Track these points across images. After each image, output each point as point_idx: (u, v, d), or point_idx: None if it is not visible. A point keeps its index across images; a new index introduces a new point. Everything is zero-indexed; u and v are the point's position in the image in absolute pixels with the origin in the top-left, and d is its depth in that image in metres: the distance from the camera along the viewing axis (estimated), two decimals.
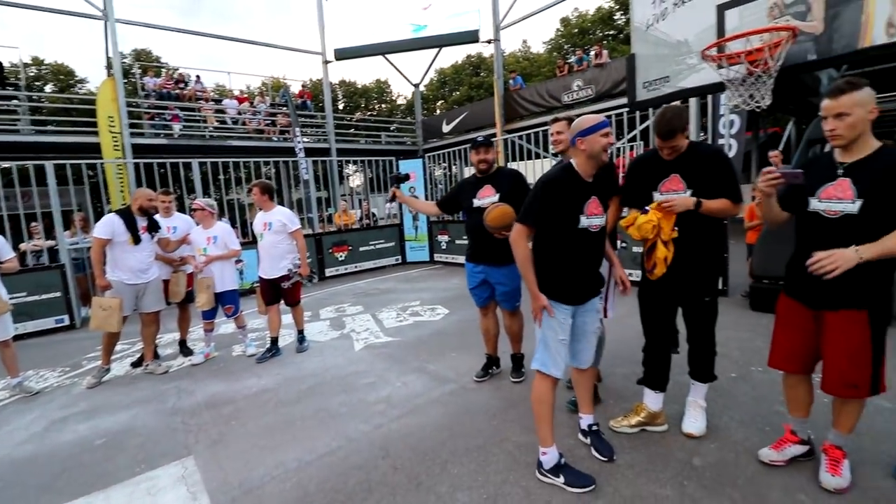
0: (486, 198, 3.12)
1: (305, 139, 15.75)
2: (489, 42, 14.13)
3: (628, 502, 1.98)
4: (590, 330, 2.26)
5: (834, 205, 1.80)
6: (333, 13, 14.15)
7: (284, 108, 15.10)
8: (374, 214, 11.78)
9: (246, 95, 17.13)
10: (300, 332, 4.60)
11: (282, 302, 4.43)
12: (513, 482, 2.19)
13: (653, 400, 2.53)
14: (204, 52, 47.08)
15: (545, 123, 2.89)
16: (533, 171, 8.01)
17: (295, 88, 18.22)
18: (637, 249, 5.73)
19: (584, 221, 2.05)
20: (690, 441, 2.40)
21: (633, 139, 7.23)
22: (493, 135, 12.15)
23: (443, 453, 2.49)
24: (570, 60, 13.87)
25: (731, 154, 5.73)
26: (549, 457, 2.16)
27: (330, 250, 8.65)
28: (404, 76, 16.66)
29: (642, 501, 1.98)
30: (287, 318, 4.66)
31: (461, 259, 8.70)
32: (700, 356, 2.43)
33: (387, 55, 15.10)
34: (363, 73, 61.68)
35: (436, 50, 15.05)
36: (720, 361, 2.57)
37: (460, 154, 9.38)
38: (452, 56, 35.19)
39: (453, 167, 11.18)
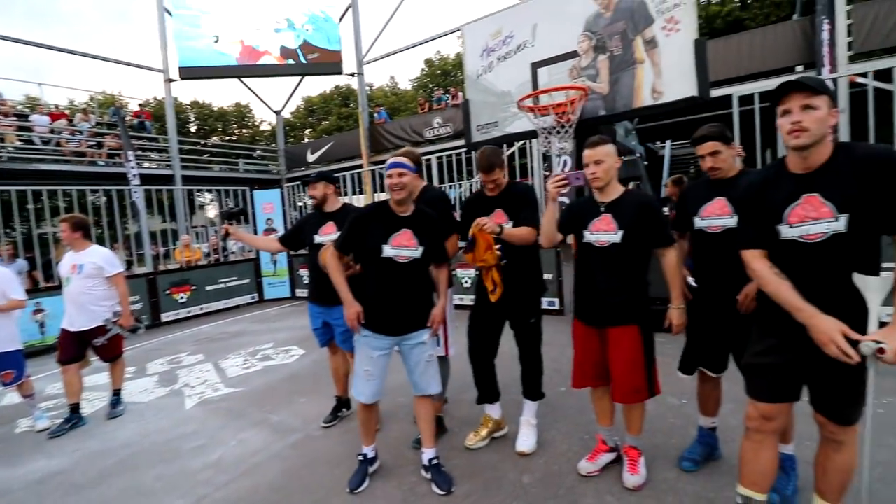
0: (328, 235, 3.02)
1: (147, 164, 13.90)
2: (353, 75, 14.29)
3: None
4: (418, 361, 2.32)
5: (602, 236, 2.13)
6: (183, 26, 12.90)
7: (116, 129, 13.17)
8: (224, 249, 10.72)
9: (64, 111, 14.53)
10: (115, 392, 3.86)
11: (94, 358, 3.69)
12: None
13: (493, 410, 2.78)
14: (11, 57, 39.01)
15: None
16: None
17: (133, 107, 16.06)
18: (462, 275, 6.14)
19: (389, 252, 2.19)
20: (522, 459, 2.55)
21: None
22: (360, 166, 12.15)
23: None
24: (432, 99, 14.70)
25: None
26: (369, 451, 2.47)
27: (167, 291, 7.56)
28: (263, 102, 15.89)
29: None
30: (99, 378, 3.88)
31: None
32: (529, 375, 2.63)
33: (244, 79, 14.25)
34: (222, 95, 57.27)
35: (299, 77, 14.68)
36: (554, 377, 2.81)
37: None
38: (321, 85, 34.75)
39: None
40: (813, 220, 1.47)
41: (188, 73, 12.91)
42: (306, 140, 32.58)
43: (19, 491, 2.72)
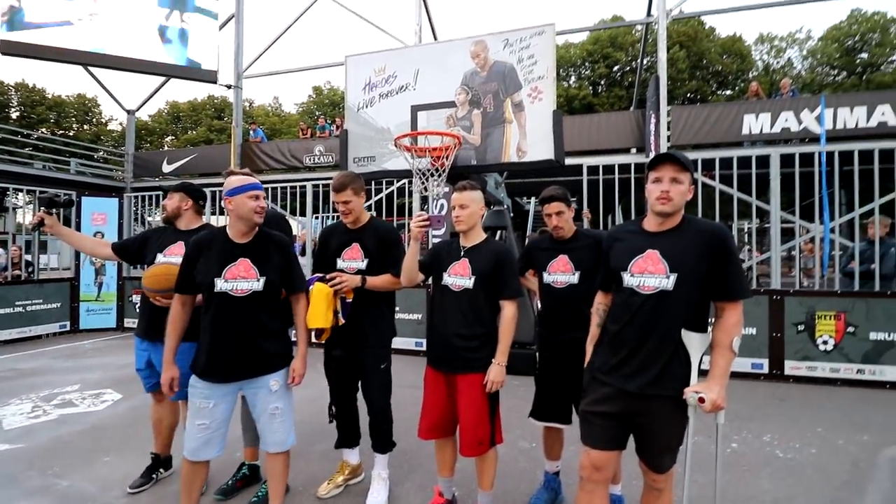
0: (172, 256, 2.57)
1: None
2: (229, 87, 13.26)
3: None
4: (262, 411, 2.05)
5: (458, 280, 2.15)
6: None
7: None
8: (29, 264, 8.69)
9: None
10: None
11: None
12: None
13: (352, 455, 2.64)
14: None
15: (287, 180, 2.69)
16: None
17: None
18: None
19: (222, 285, 1.95)
20: None
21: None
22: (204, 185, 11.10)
23: None
24: (315, 126, 14.27)
25: (440, 233, 6.75)
26: None
27: None
28: (114, 98, 13.79)
29: None
30: None
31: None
32: (377, 426, 2.48)
33: (90, 67, 12.25)
34: (62, 81, 48.29)
35: (162, 78, 13.11)
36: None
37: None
38: (192, 91, 31.60)
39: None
40: (650, 274, 1.64)
41: (12, 49, 10.63)
42: (166, 148, 29.03)
43: None
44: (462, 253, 2.19)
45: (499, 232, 5.64)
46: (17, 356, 5.88)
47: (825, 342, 4.54)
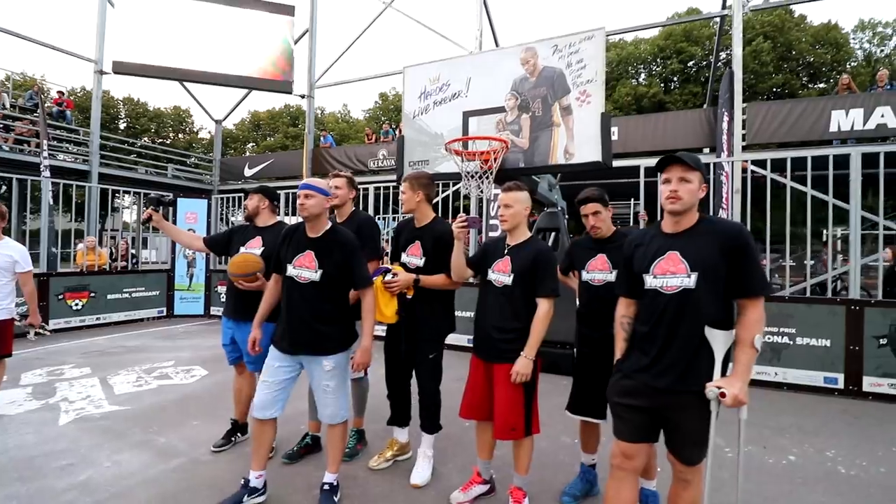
0: (252, 248, 2.98)
1: (62, 157, 12.75)
2: (303, 97, 14.27)
3: None
4: (317, 387, 2.33)
5: (500, 276, 2.30)
6: (125, 16, 12.20)
7: (31, 115, 12.05)
8: (133, 257, 9.93)
9: None
10: None
11: None
12: None
13: (401, 434, 2.90)
14: None
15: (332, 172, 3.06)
16: None
17: (54, 94, 14.80)
18: None
19: (291, 271, 2.28)
20: (415, 491, 2.57)
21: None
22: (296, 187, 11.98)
23: None
24: (380, 132, 14.95)
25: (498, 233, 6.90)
26: (254, 477, 2.37)
27: (60, 296, 6.84)
28: (204, 109, 15.33)
29: None
30: None
31: None
32: (426, 409, 2.69)
33: (185, 82, 13.74)
34: (160, 95, 54.23)
35: (245, 90, 14.40)
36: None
37: None
38: (271, 100, 34.08)
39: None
40: (671, 275, 1.71)
41: (122, 68, 12.23)
42: (248, 154, 31.56)
43: None
44: (506, 251, 2.33)
45: (553, 233, 5.68)
46: (125, 335, 6.81)
47: None
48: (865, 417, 3.83)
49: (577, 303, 2.55)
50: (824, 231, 8.42)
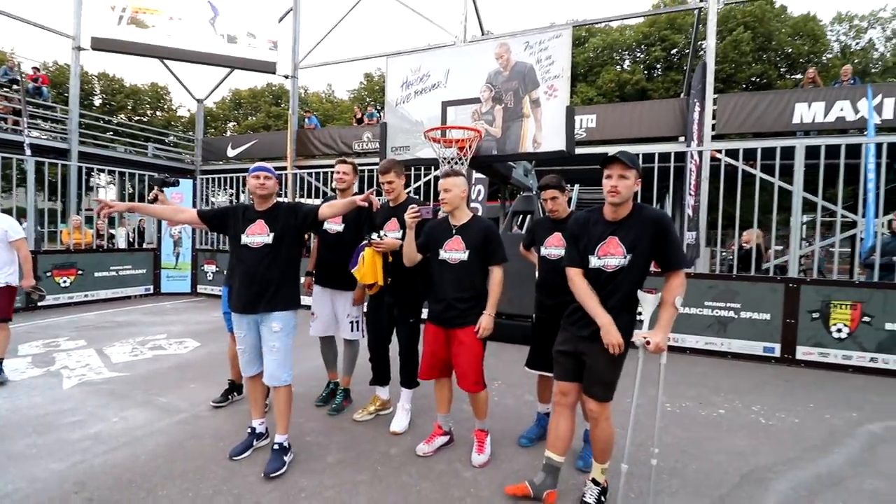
0: (253, 235, 3.16)
1: (36, 134, 12.55)
2: (286, 77, 14.23)
3: (325, 492, 2.33)
4: (264, 345, 2.57)
5: (454, 254, 2.62)
6: None
7: (5, 90, 11.80)
8: (112, 236, 10.03)
9: None
10: None
11: None
12: (226, 492, 2.30)
13: (382, 392, 3.28)
14: None
15: (333, 165, 3.32)
16: None
17: (26, 68, 14.41)
18: None
19: (244, 239, 2.56)
20: (394, 437, 2.95)
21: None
22: (284, 168, 12.08)
23: (153, 479, 2.41)
24: (365, 114, 14.98)
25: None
26: (257, 424, 2.76)
27: (49, 273, 6.98)
28: (186, 88, 15.15)
29: (339, 489, 2.36)
30: None
31: None
32: (405, 367, 3.05)
33: (165, 60, 13.55)
34: (137, 71, 52.46)
35: (228, 69, 14.27)
36: None
37: (244, 181, 9.02)
38: (252, 79, 33.44)
39: (241, 194, 10.48)
40: (611, 256, 2.09)
41: (101, 45, 12.04)
42: (229, 133, 31.06)
43: None
44: (454, 231, 2.65)
45: (528, 216, 6.04)
46: (113, 311, 7.01)
47: (839, 330, 4.67)
48: (794, 381, 4.35)
49: (537, 275, 2.92)
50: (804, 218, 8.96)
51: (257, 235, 2.56)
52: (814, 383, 4.30)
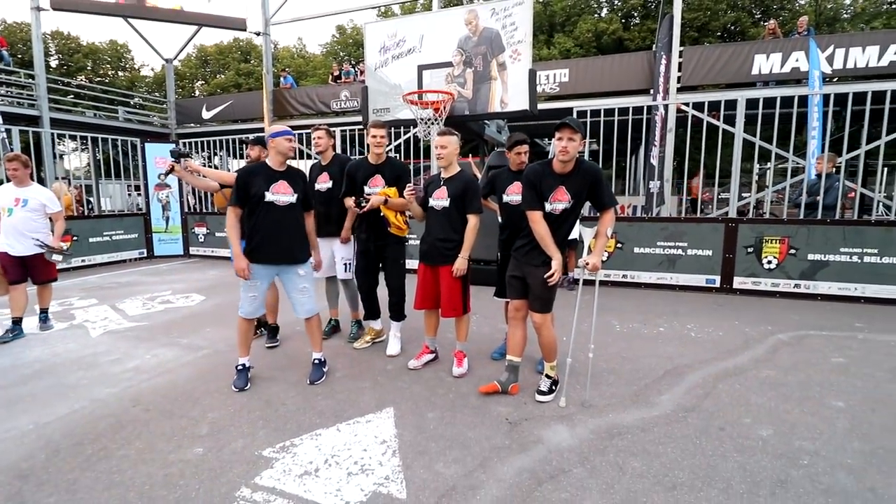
0: (279, 194, 3.03)
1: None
2: (258, 34, 13.91)
3: (337, 394, 2.93)
4: (292, 289, 3.06)
5: (438, 202, 3.14)
6: None
7: None
8: (89, 203, 10.17)
9: None
10: (44, 311, 4.42)
11: None
12: (257, 398, 2.88)
13: (375, 324, 3.88)
14: None
15: (314, 126, 3.68)
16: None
17: None
18: None
19: (270, 197, 2.87)
20: (390, 359, 3.55)
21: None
22: (262, 129, 12.12)
23: (194, 394, 2.96)
24: (342, 72, 14.77)
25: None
26: (245, 362, 3.09)
27: None
28: (154, 48, 14.70)
29: (348, 392, 2.96)
30: None
31: (222, 252, 8.58)
32: (394, 301, 3.62)
33: (129, 18, 13.10)
34: (93, 28, 49.04)
35: (196, 27, 13.85)
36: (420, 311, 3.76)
37: (224, 143, 9.18)
38: (218, 35, 31.93)
39: (217, 158, 10.62)
40: (559, 201, 2.65)
41: (62, 5, 11.58)
42: (197, 93, 29.99)
43: None
44: (442, 182, 3.17)
45: (502, 169, 6.52)
46: (113, 274, 7.37)
47: (769, 262, 5.40)
48: (728, 305, 5.10)
49: (499, 219, 3.45)
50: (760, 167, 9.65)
51: (282, 195, 2.89)
52: (743, 306, 5.06)
